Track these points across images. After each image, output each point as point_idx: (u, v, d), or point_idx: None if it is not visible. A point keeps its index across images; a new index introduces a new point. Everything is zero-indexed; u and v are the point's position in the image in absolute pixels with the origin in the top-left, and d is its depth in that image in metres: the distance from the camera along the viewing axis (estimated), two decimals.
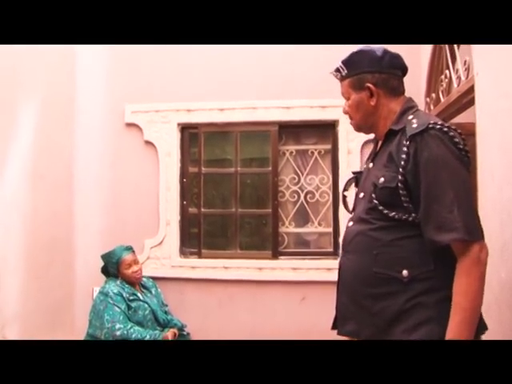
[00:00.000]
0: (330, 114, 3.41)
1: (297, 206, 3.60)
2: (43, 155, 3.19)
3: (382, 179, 1.41)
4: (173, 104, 3.55)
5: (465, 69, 2.26)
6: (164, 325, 3.10)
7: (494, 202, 1.77)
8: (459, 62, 2.36)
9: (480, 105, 1.99)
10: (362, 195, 1.53)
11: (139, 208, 3.57)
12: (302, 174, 3.61)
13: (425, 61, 2.96)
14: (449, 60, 2.55)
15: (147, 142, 3.59)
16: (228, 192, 3.67)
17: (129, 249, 3.14)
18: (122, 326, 2.82)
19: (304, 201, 3.60)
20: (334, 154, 3.50)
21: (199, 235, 3.61)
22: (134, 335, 2.81)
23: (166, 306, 3.30)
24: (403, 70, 1.56)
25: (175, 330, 3.08)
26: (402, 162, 1.36)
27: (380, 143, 1.54)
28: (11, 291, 2.86)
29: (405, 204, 1.37)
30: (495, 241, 1.33)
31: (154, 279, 3.38)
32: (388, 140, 1.47)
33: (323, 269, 3.35)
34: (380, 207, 1.41)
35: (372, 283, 1.40)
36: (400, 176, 1.36)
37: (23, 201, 2.98)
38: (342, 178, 3.37)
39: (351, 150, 3.39)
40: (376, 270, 1.39)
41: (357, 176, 1.69)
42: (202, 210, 3.63)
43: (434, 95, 2.86)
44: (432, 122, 1.35)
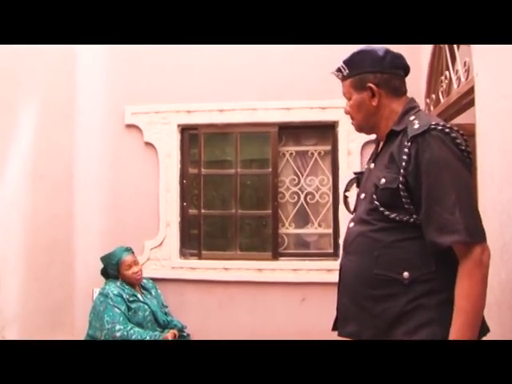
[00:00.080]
0: (330, 115, 3.41)
1: (297, 207, 3.60)
2: (43, 156, 3.19)
3: (383, 180, 1.40)
4: (173, 105, 3.56)
5: (465, 70, 2.26)
6: (164, 326, 3.09)
7: (494, 203, 1.77)
8: (459, 63, 2.36)
9: (480, 106, 1.99)
10: (363, 196, 1.52)
11: (139, 209, 3.57)
12: (302, 175, 3.61)
13: (425, 61, 2.96)
14: (449, 61, 2.55)
15: (147, 143, 3.59)
16: (228, 193, 3.67)
17: (128, 250, 3.14)
18: (122, 327, 2.82)
19: (304, 202, 3.59)
20: (334, 155, 3.50)
21: (199, 236, 3.61)
22: (134, 336, 2.81)
23: (166, 307, 3.30)
24: (405, 70, 1.54)
25: (175, 331, 3.08)
26: (403, 163, 1.35)
27: (381, 144, 1.53)
28: (11, 292, 2.85)
29: (406, 205, 1.36)
30: (495, 242, 1.33)
31: (154, 280, 3.38)
32: (389, 141, 1.46)
33: (323, 270, 3.35)
34: (381, 208, 1.40)
35: (373, 285, 1.40)
36: (401, 177, 1.35)
37: (23, 201, 2.98)
38: (342, 179, 3.37)
39: (351, 151, 3.39)
40: (377, 272, 1.39)
41: (358, 176, 1.67)
42: (202, 211, 3.62)
43: (434, 96, 2.86)
44: (434, 123, 1.34)
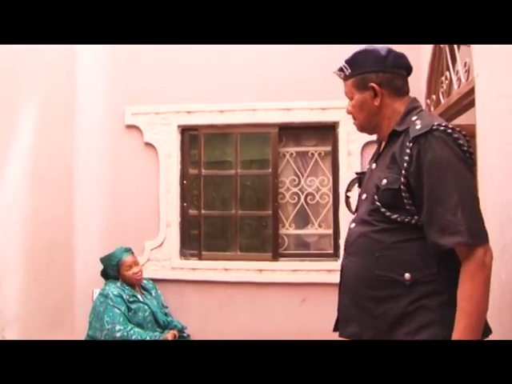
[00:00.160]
0: (330, 116, 3.41)
1: (297, 208, 3.60)
2: (43, 156, 3.19)
3: (385, 181, 1.39)
4: (173, 106, 3.56)
5: (465, 70, 2.26)
6: (164, 326, 3.09)
7: (494, 204, 1.76)
8: (459, 64, 2.36)
9: (480, 106, 1.98)
10: (365, 196, 1.51)
11: (139, 210, 3.57)
12: (302, 176, 3.61)
13: (425, 62, 2.96)
14: (449, 61, 2.55)
15: (147, 144, 3.59)
16: (228, 194, 3.67)
17: (128, 250, 3.14)
18: (122, 328, 2.81)
19: (304, 202, 3.59)
20: (334, 156, 3.50)
21: (199, 237, 3.61)
22: (134, 337, 2.81)
23: (166, 308, 3.30)
24: (408, 70, 1.53)
25: (175, 332, 3.08)
26: (405, 164, 1.34)
27: (383, 144, 1.52)
28: (11, 292, 2.85)
29: (407, 206, 1.35)
30: (495, 243, 1.33)
31: (154, 281, 3.38)
32: (391, 141, 1.45)
33: (323, 270, 3.35)
34: (382, 209, 1.39)
35: (374, 286, 1.39)
36: (402, 178, 1.34)
37: (23, 202, 2.98)
38: (343, 180, 3.37)
39: (351, 152, 3.39)
40: (378, 273, 1.38)
41: (360, 176, 1.66)
42: (202, 212, 3.62)
43: (435, 97, 2.85)
44: (436, 124, 1.33)
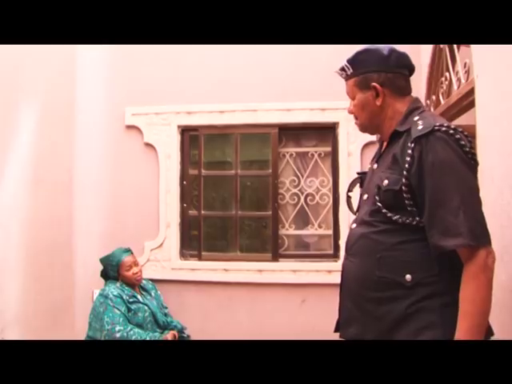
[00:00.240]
0: (330, 117, 3.42)
1: (297, 209, 3.60)
2: (43, 157, 3.18)
3: (386, 181, 1.39)
4: (173, 106, 3.56)
5: (465, 71, 2.26)
6: (164, 327, 3.09)
7: (494, 205, 1.76)
8: (459, 64, 2.36)
9: (480, 107, 1.98)
10: (366, 197, 1.51)
11: (139, 210, 3.58)
12: (302, 177, 3.61)
13: (425, 63, 2.96)
14: (449, 62, 2.55)
15: (147, 145, 3.59)
16: (228, 194, 3.67)
17: (128, 251, 3.14)
18: (122, 328, 2.81)
19: (304, 203, 3.59)
20: (334, 157, 3.50)
21: (199, 237, 3.61)
22: (134, 337, 2.80)
23: (166, 308, 3.29)
24: (410, 70, 1.52)
25: (175, 332, 3.07)
26: (407, 165, 1.34)
27: (385, 144, 1.52)
28: (11, 293, 2.85)
29: (409, 207, 1.35)
30: (495, 244, 1.33)
31: (154, 281, 3.37)
32: (393, 141, 1.45)
33: (323, 271, 3.35)
34: (384, 210, 1.39)
35: (375, 287, 1.39)
36: (404, 179, 1.34)
37: (23, 203, 2.98)
38: (342, 181, 3.37)
39: (351, 153, 3.39)
40: (379, 274, 1.38)
41: (361, 176, 1.66)
42: (202, 213, 3.62)
43: (434, 97, 2.85)
44: (438, 124, 1.32)
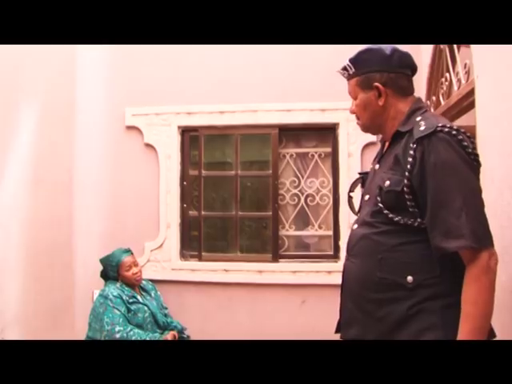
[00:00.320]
0: (331, 117, 3.42)
1: (297, 209, 3.60)
2: (43, 157, 3.18)
3: (388, 182, 1.38)
4: (173, 107, 3.56)
5: (465, 72, 2.26)
6: (164, 327, 3.09)
7: (495, 206, 1.76)
8: (459, 65, 2.36)
9: (480, 108, 1.98)
10: (368, 197, 1.50)
11: (139, 211, 3.58)
12: (303, 177, 3.61)
13: (425, 63, 2.96)
14: (449, 63, 2.55)
15: (147, 145, 3.59)
16: (228, 195, 3.67)
17: (127, 251, 3.14)
18: (122, 329, 2.81)
19: (304, 204, 3.59)
20: (335, 157, 3.50)
21: (199, 238, 3.61)
22: (134, 338, 2.80)
23: (166, 309, 3.29)
24: (413, 69, 1.51)
25: (175, 333, 3.07)
26: (409, 166, 1.33)
27: (387, 144, 1.51)
28: (11, 294, 2.85)
29: (410, 208, 1.34)
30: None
31: (155, 282, 3.37)
32: (395, 141, 1.44)
33: (323, 272, 3.35)
34: (385, 211, 1.38)
35: (376, 288, 1.38)
36: (406, 180, 1.33)
37: (23, 204, 2.98)
38: (343, 181, 3.37)
39: (351, 153, 3.38)
40: (380, 275, 1.37)
41: (363, 177, 1.65)
42: (203, 213, 3.62)
43: (435, 98, 2.85)
44: (440, 125, 1.31)
